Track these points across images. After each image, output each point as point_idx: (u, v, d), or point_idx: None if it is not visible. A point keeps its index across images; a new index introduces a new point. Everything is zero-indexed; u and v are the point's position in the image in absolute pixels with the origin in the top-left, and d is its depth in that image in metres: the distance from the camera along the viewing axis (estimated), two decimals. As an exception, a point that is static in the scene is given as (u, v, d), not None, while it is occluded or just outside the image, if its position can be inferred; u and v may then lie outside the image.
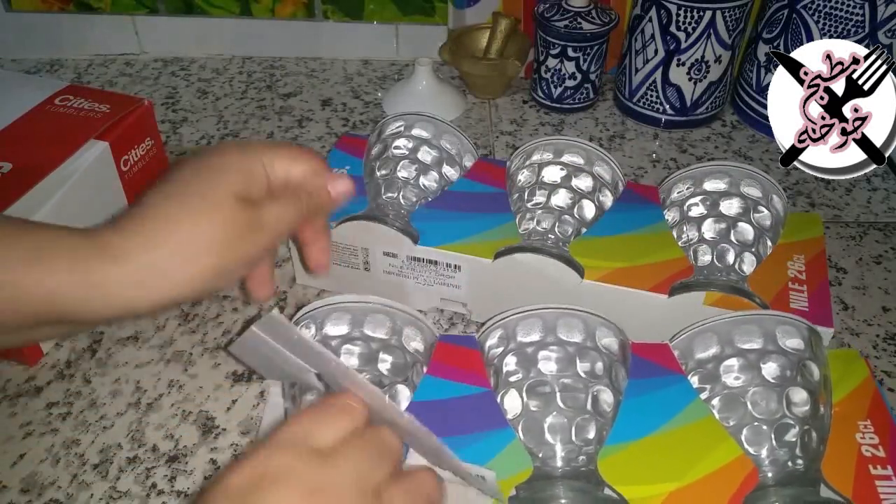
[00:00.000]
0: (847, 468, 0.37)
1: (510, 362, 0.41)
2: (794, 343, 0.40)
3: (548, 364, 0.39)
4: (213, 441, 0.44)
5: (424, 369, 0.41)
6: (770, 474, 0.37)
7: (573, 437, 0.38)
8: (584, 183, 0.51)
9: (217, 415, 0.46)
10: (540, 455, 0.38)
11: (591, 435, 0.38)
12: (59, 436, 0.44)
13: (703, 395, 0.40)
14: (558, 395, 0.38)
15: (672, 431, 0.38)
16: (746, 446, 0.38)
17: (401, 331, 0.42)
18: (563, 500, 0.36)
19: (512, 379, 0.40)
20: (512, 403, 0.39)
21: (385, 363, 0.40)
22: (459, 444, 0.36)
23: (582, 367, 0.39)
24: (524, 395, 0.39)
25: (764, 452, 0.38)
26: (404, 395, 0.40)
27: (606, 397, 0.39)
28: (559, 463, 0.37)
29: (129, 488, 0.42)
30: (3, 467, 0.43)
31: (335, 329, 0.41)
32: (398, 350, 0.41)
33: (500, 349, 0.41)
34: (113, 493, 0.42)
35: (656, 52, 0.68)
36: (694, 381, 0.41)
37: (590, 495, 0.36)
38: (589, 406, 0.38)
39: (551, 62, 0.71)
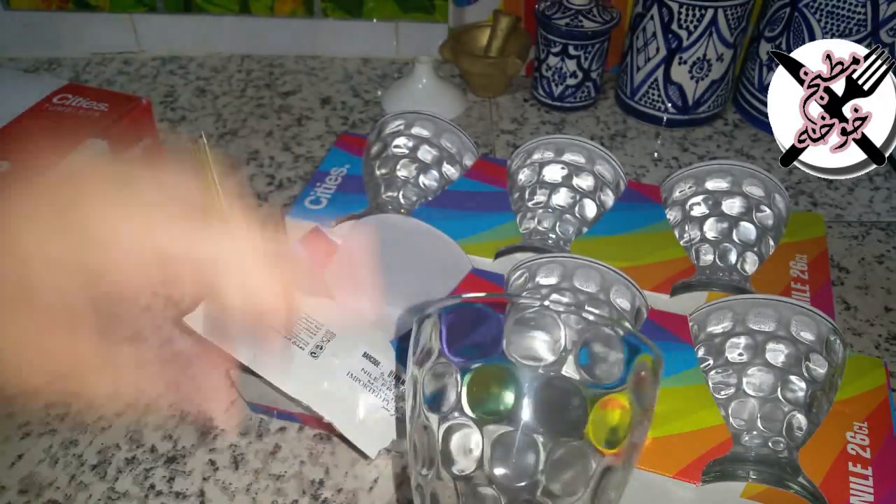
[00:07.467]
0: (825, 460, 0.37)
1: None
2: (807, 335, 0.40)
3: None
4: (212, 442, 0.44)
5: None
6: (750, 450, 0.37)
7: None
8: (585, 182, 0.51)
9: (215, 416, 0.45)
10: None
11: None
12: (58, 436, 0.44)
13: (704, 366, 0.40)
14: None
15: (660, 389, 0.39)
16: (731, 419, 0.38)
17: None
18: None
19: None
20: None
21: None
22: None
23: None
24: None
25: (747, 426, 0.38)
26: None
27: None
28: None
29: (127, 489, 0.42)
30: (1, 468, 0.42)
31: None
32: None
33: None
34: (111, 494, 0.41)
35: (658, 50, 0.68)
36: (700, 352, 0.41)
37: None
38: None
39: (552, 60, 0.71)
